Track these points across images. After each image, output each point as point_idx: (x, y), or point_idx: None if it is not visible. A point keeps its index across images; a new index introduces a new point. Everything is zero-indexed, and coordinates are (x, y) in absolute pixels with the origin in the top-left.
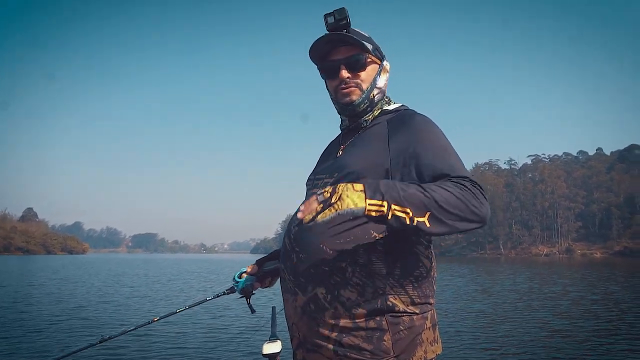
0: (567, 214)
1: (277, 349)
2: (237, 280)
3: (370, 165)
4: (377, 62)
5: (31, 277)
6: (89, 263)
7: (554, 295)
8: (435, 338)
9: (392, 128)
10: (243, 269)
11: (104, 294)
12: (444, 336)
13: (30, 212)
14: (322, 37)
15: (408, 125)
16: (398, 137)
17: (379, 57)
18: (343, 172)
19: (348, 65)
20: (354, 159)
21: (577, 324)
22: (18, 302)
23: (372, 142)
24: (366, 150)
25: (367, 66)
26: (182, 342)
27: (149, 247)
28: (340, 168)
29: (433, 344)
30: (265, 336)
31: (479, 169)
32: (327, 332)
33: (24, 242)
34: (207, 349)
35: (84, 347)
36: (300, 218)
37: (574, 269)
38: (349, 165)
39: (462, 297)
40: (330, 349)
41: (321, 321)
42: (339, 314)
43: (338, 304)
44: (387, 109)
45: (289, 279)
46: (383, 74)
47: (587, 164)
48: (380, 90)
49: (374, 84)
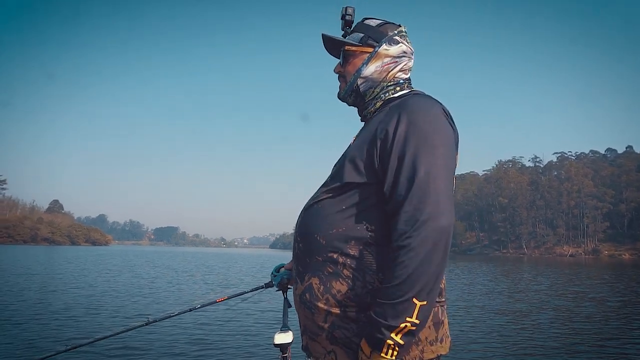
0: (594, 214)
1: (288, 340)
2: (275, 275)
3: (361, 150)
4: (368, 50)
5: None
6: (127, 254)
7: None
8: (438, 337)
9: (387, 114)
10: (281, 263)
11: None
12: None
13: (56, 204)
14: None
15: (402, 105)
16: (389, 117)
17: (372, 44)
18: (339, 163)
19: (341, 59)
20: (350, 149)
21: (598, 327)
22: (83, 288)
23: (369, 129)
24: (361, 140)
25: (351, 59)
26: (198, 333)
27: (170, 240)
28: (339, 159)
29: (434, 344)
30: (277, 326)
31: (502, 166)
32: (321, 322)
33: (50, 233)
34: (220, 337)
35: (131, 328)
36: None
37: (602, 271)
38: (345, 154)
39: (474, 296)
40: (324, 339)
41: (316, 311)
42: (330, 305)
43: (329, 296)
44: (394, 97)
45: (295, 267)
46: (374, 60)
47: (616, 162)
48: (367, 79)
49: (358, 74)
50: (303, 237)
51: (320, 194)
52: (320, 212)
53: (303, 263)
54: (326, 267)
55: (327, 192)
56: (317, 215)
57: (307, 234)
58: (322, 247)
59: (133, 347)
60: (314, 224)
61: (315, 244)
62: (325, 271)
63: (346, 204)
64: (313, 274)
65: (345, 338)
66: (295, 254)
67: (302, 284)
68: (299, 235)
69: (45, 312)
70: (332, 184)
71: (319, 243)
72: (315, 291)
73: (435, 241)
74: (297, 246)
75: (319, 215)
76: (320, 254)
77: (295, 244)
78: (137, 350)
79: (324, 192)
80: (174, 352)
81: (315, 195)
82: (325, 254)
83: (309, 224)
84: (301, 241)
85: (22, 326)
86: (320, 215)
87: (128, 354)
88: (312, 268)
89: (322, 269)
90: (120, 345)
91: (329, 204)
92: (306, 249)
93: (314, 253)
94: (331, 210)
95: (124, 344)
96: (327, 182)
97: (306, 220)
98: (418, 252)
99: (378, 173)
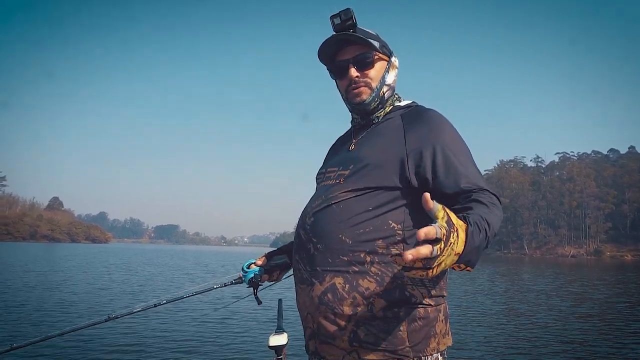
0: (596, 214)
1: (283, 341)
2: (245, 271)
3: (387, 157)
4: (385, 58)
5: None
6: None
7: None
8: (447, 330)
9: (408, 122)
10: (252, 259)
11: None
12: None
13: (56, 201)
14: (330, 38)
15: (424, 120)
16: (415, 130)
17: (387, 53)
18: (360, 164)
19: (356, 64)
20: (370, 151)
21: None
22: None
23: (387, 135)
24: (382, 143)
25: (375, 64)
26: (189, 333)
27: (171, 238)
28: (356, 160)
29: (445, 336)
30: (271, 329)
31: (504, 165)
32: (343, 323)
33: (49, 230)
34: (214, 341)
35: (91, 324)
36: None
37: (603, 272)
38: (365, 158)
39: (472, 294)
40: (345, 340)
41: (338, 311)
42: (357, 303)
43: (356, 294)
44: (399, 105)
45: (304, 269)
46: (392, 70)
47: (618, 163)
48: (390, 87)
49: (383, 81)
50: (322, 238)
51: (337, 194)
52: (342, 212)
53: (322, 263)
54: (352, 266)
55: (347, 192)
56: (339, 215)
57: (329, 234)
58: (348, 247)
59: (94, 344)
60: (336, 224)
61: (339, 243)
62: (350, 270)
63: (372, 204)
64: (336, 274)
65: (370, 336)
66: (309, 255)
67: (321, 284)
68: (315, 236)
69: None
70: (353, 186)
71: (344, 243)
72: (339, 291)
73: (501, 216)
74: (312, 247)
75: (342, 216)
76: (345, 253)
77: (310, 245)
78: (99, 347)
79: (343, 192)
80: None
81: (329, 196)
82: (351, 253)
83: (329, 223)
84: (319, 242)
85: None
86: (343, 216)
87: (90, 350)
88: (335, 268)
89: (348, 269)
90: (83, 341)
91: (353, 205)
92: (327, 249)
93: (337, 253)
94: (356, 211)
95: (88, 340)
96: (342, 183)
97: (324, 221)
98: (498, 215)
99: (410, 180)
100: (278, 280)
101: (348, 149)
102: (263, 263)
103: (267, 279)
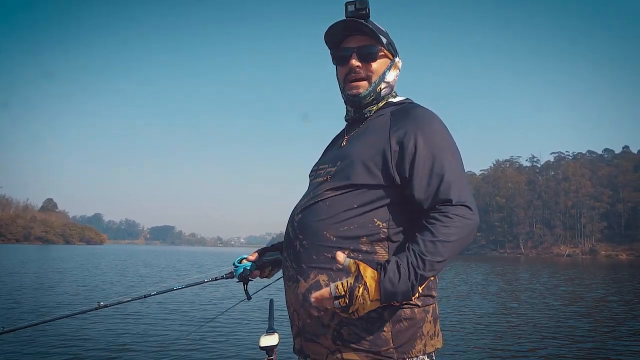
0: (592, 214)
1: (274, 342)
2: (237, 265)
3: (371, 154)
4: (390, 57)
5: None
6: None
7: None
8: (436, 332)
9: (395, 118)
10: (244, 255)
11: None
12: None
13: (50, 202)
14: (339, 22)
15: (411, 117)
16: (400, 127)
17: (392, 52)
18: (346, 161)
19: (360, 54)
20: (356, 148)
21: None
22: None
23: (375, 132)
24: (368, 140)
25: (378, 58)
26: (180, 334)
27: (167, 239)
28: (343, 157)
29: (433, 338)
30: (262, 329)
31: (500, 165)
32: (327, 321)
33: (43, 232)
34: (204, 340)
35: (81, 312)
36: (314, 305)
37: (599, 271)
38: (351, 154)
39: (466, 294)
40: (329, 338)
41: (322, 309)
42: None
43: None
44: (392, 101)
45: (291, 266)
46: (393, 69)
47: (613, 162)
48: (389, 85)
49: (382, 78)
50: (307, 235)
51: (324, 191)
52: (327, 209)
53: (307, 260)
54: (335, 264)
55: (333, 190)
56: (324, 213)
57: (314, 231)
58: (332, 244)
59: (83, 332)
60: (320, 221)
61: (323, 241)
62: (334, 267)
63: (357, 202)
64: (320, 271)
65: (353, 335)
66: (295, 252)
67: (305, 282)
68: (301, 232)
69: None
70: (339, 183)
71: (328, 240)
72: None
73: (469, 232)
74: (298, 244)
75: (327, 213)
76: (329, 250)
77: (296, 242)
78: (87, 341)
79: (327, 189)
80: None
81: (316, 193)
82: (335, 250)
83: (314, 221)
84: (304, 239)
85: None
86: (328, 213)
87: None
88: (319, 265)
89: (332, 266)
90: (73, 329)
91: (338, 202)
92: (312, 246)
93: (321, 250)
94: (340, 208)
95: (78, 329)
96: (329, 180)
97: (310, 218)
98: (462, 228)
99: (394, 177)
100: (269, 276)
101: (340, 145)
102: (255, 259)
103: (258, 275)
